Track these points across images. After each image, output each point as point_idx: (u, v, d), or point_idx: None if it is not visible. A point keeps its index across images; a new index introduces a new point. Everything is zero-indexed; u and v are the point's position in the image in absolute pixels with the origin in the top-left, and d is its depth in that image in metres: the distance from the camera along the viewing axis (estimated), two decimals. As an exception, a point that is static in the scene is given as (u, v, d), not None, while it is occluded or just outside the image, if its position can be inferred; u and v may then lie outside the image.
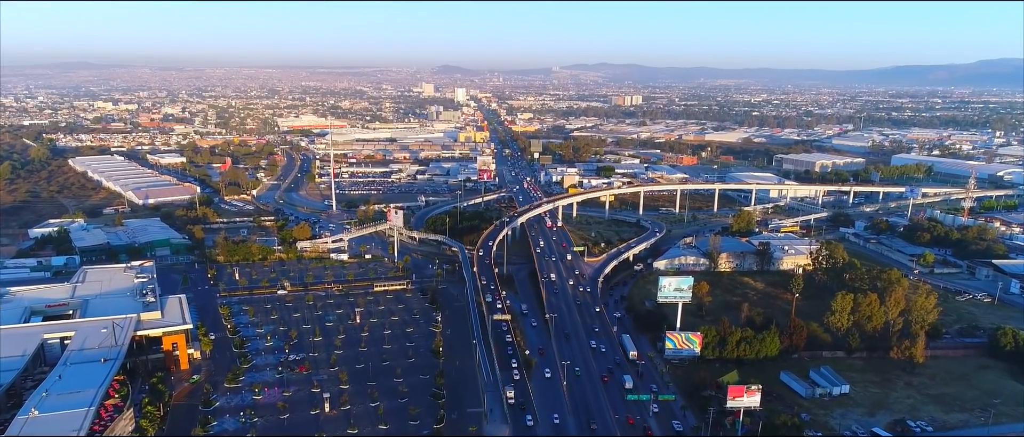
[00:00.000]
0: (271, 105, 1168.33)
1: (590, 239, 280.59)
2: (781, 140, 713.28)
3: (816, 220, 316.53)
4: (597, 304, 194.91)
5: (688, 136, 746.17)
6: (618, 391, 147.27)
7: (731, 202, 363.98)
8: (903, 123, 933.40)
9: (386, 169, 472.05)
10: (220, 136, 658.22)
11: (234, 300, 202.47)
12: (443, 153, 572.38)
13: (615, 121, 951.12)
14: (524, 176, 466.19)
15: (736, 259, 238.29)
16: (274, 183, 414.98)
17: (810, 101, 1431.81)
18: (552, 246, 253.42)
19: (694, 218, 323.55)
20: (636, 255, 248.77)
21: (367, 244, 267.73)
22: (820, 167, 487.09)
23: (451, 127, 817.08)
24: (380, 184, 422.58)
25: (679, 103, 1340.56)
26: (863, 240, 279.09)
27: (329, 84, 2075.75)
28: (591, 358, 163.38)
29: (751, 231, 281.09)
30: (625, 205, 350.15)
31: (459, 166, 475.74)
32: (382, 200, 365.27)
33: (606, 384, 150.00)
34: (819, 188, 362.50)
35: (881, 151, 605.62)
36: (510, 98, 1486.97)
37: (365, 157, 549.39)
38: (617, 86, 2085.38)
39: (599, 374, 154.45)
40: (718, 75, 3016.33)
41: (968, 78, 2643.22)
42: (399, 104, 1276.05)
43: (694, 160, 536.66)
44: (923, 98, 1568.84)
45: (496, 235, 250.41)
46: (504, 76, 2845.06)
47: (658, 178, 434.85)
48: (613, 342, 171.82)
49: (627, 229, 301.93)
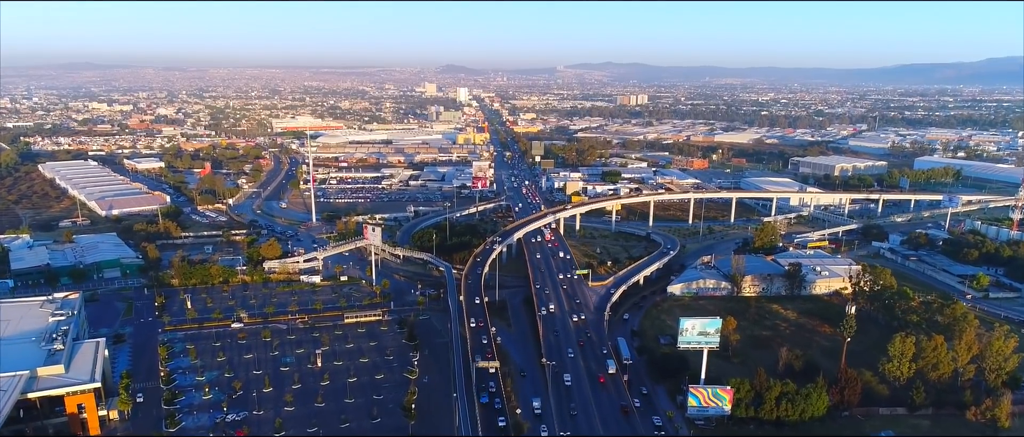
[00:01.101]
0: (269, 106, 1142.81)
1: (594, 256, 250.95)
2: (794, 141, 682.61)
3: (845, 233, 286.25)
4: (603, 344, 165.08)
5: (697, 137, 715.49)
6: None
7: (749, 211, 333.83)
8: (918, 123, 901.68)
9: (377, 174, 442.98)
10: (208, 139, 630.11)
11: (179, 336, 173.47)
12: (440, 156, 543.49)
13: (620, 121, 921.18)
14: (525, 180, 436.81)
15: (762, 282, 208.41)
16: (255, 190, 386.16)
17: (819, 100, 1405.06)
18: (551, 266, 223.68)
19: (710, 231, 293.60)
20: (648, 277, 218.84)
21: (344, 264, 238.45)
22: (840, 171, 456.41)
23: (451, 128, 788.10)
24: (369, 191, 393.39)
25: (685, 102, 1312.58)
26: (900, 257, 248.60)
27: (332, 84, 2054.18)
28: (597, 419, 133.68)
29: (775, 247, 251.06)
30: (633, 214, 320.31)
31: (455, 171, 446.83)
32: (369, 210, 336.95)
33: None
34: (845, 196, 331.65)
35: (902, 153, 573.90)
36: (514, 98, 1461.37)
37: (357, 161, 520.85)
38: (622, 85, 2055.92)
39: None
40: (723, 74, 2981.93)
41: (975, 76, 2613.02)
42: (400, 104, 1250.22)
43: (705, 163, 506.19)
44: (933, 96, 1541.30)
45: (488, 255, 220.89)
46: (508, 76, 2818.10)
47: (668, 184, 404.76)
48: (622, 390, 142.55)
49: (636, 244, 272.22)
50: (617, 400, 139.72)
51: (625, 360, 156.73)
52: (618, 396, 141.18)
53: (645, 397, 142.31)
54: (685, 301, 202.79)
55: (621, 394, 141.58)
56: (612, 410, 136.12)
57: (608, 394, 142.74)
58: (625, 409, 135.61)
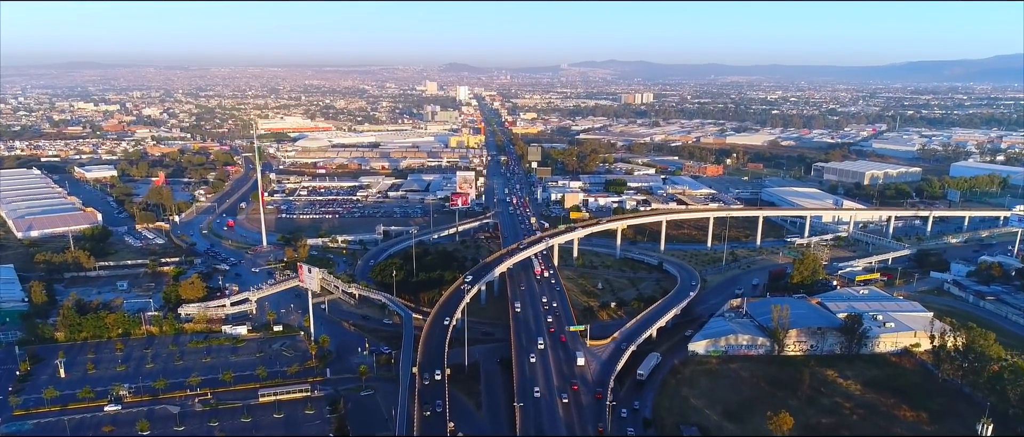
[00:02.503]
0: (261, 105, 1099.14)
1: (595, 293, 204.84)
2: (812, 143, 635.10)
3: (894, 260, 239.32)
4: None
5: (707, 139, 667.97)
6: None
7: (777, 230, 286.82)
8: (939, 122, 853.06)
9: (354, 184, 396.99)
10: (179, 142, 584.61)
11: (27, 428, 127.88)
12: (429, 161, 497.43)
13: (625, 121, 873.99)
14: (519, 189, 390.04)
15: (811, 338, 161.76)
16: (212, 204, 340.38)
17: (828, 98, 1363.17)
18: (540, 313, 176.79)
19: (733, 256, 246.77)
20: (663, 327, 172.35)
21: (287, 305, 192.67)
22: (870, 178, 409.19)
23: (446, 129, 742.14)
24: (342, 204, 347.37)
25: (692, 101, 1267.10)
26: (970, 294, 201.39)
27: (334, 83, 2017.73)
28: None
29: (817, 281, 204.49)
30: (641, 233, 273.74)
31: (442, 179, 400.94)
32: (336, 229, 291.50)
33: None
34: (888, 213, 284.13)
35: (934, 157, 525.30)
36: (516, 96, 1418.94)
37: (336, 167, 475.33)
38: (626, 83, 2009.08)
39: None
40: (728, 71, 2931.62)
41: (984, 73, 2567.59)
42: (397, 103, 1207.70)
43: (719, 169, 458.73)
44: (945, 94, 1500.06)
45: (457, 300, 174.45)
46: (512, 74, 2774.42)
47: (680, 195, 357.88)
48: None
49: (646, 276, 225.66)
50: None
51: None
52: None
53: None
54: (712, 364, 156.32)
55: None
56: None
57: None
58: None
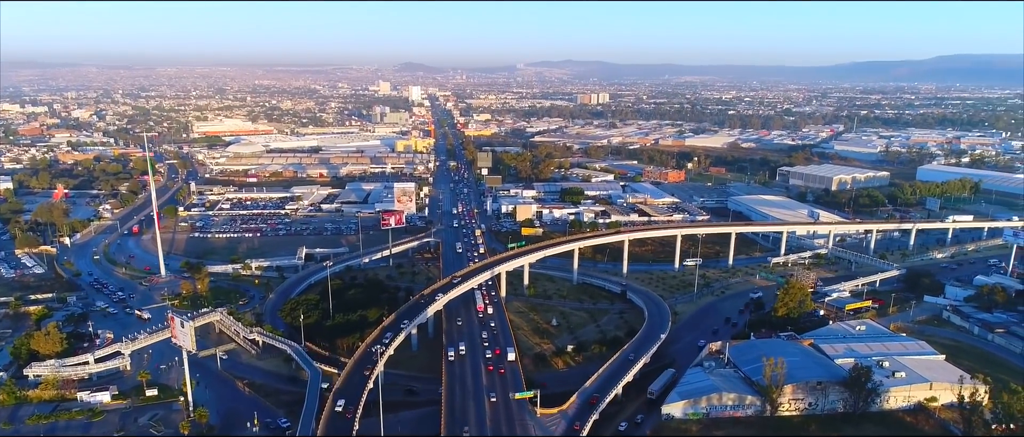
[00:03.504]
0: (203, 107, 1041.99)
1: (550, 333, 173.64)
2: (773, 145, 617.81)
3: (883, 282, 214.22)
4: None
5: (666, 141, 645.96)
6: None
7: (749, 246, 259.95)
8: (893, 122, 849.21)
9: (285, 195, 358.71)
10: (98, 148, 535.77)
11: None
12: (372, 168, 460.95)
13: (582, 122, 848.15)
14: (468, 199, 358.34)
15: (810, 394, 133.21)
16: (114, 222, 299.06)
17: (782, 98, 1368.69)
18: (479, 370, 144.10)
19: (704, 279, 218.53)
20: (629, 383, 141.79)
21: (171, 359, 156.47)
22: (838, 183, 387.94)
23: (394, 132, 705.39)
24: (267, 219, 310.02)
25: (648, 101, 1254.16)
26: (973, 323, 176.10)
27: (284, 83, 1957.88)
28: None
29: (806, 313, 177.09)
30: (601, 252, 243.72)
31: (384, 188, 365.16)
32: (254, 251, 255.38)
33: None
34: (870, 226, 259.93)
35: (898, 159, 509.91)
36: (471, 96, 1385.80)
37: (270, 175, 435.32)
38: (582, 83, 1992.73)
39: None
40: (683, 71, 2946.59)
41: (928, 74, 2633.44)
42: (347, 104, 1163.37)
43: (681, 175, 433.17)
44: (893, 94, 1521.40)
45: (383, 348, 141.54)
46: (468, 74, 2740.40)
47: (641, 205, 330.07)
48: None
49: (608, 307, 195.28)
50: None
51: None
52: None
53: None
54: (693, 431, 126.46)
55: None
56: None
57: None
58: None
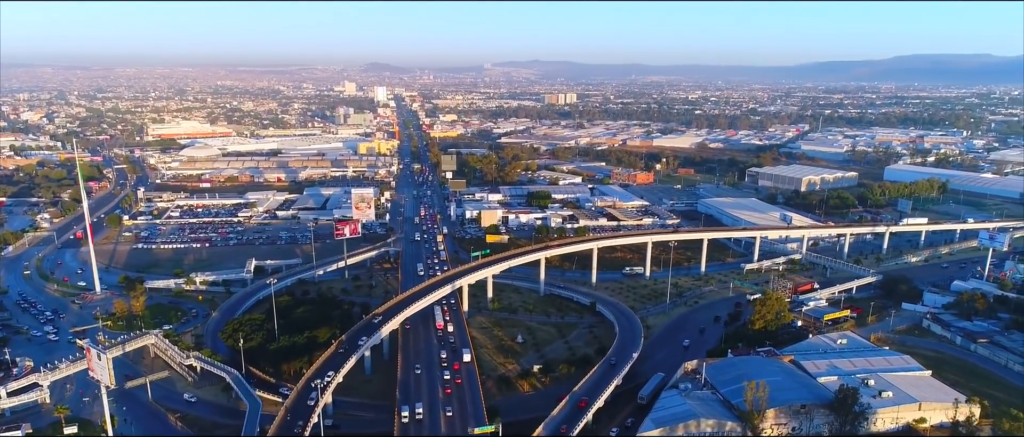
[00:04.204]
0: (160, 108, 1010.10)
1: (515, 352, 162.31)
2: (740, 145, 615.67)
3: (858, 289, 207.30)
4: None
5: (633, 141, 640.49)
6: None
7: (721, 251, 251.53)
8: (857, 122, 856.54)
9: (239, 201, 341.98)
10: (43, 152, 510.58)
11: None
12: (333, 171, 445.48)
13: (549, 122, 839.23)
14: (431, 203, 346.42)
15: (794, 418, 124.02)
16: (52, 233, 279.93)
17: (747, 98, 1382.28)
18: (436, 399, 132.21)
19: (677, 289, 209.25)
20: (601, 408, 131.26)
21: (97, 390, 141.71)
22: (807, 184, 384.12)
23: (357, 134, 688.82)
24: (219, 228, 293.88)
25: (615, 101, 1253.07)
26: (958, 334, 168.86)
27: (248, 83, 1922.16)
28: None
29: (784, 326, 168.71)
30: (569, 260, 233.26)
31: (344, 193, 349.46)
32: (204, 261, 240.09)
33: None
34: (843, 230, 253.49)
35: (865, 159, 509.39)
36: (438, 97, 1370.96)
37: (225, 180, 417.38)
38: (550, 83, 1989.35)
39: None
40: (649, 71, 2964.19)
41: (887, 73, 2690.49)
42: (311, 105, 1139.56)
43: (650, 177, 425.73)
44: (855, 93, 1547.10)
45: (334, 370, 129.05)
46: (435, 74, 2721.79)
47: (610, 208, 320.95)
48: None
49: (577, 321, 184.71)
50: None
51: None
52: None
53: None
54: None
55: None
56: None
57: None
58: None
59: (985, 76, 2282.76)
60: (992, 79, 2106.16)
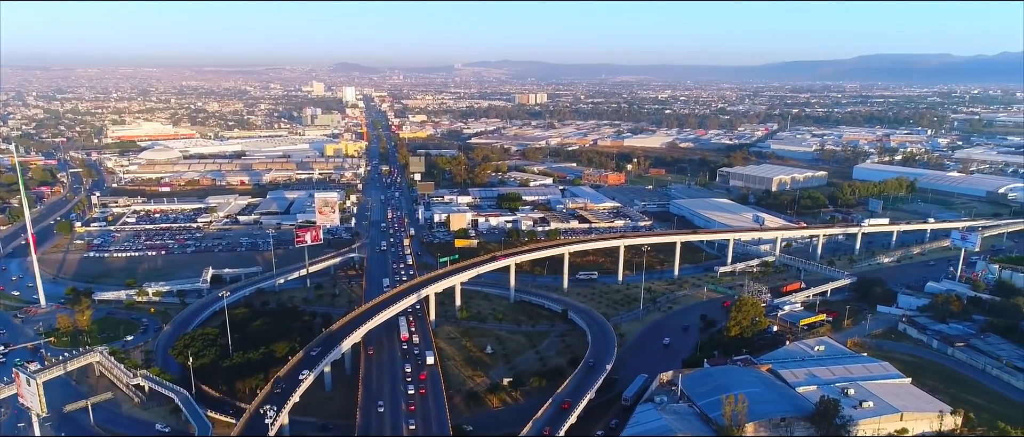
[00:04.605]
0: (121, 109, 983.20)
1: (484, 363, 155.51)
2: (710, 145, 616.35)
3: (833, 292, 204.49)
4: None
5: (604, 141, 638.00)
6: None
7: (695, 254, 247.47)
8: (823, 120, 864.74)
9: (199, 206, 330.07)
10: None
11: None
12: (298, 173, 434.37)
13: (520, 122, 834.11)
14: (399, 204, 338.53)
15: (773, 432, 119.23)
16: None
17: (716, 97, 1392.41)
18: (401, 413, 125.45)
19: (650, 293, 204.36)
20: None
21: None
22: (778, 184, 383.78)
23: (324, 135, 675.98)
24: (176, 235, 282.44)
25: (586, 101, 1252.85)
26: (935, 338, 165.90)
27: (214, 84, 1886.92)
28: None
29: (760, 332, 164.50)
30: (540, 265, 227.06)
31: (309, 196, 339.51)
32: (159, 269, 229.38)
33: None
34: (816, 231, 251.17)
35: (834, 158, 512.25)
36: (407, 97, 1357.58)
37: (185, 184, 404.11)
38: (520, 83, 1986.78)
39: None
40: (619, 71, 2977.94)
41: (851, 72, 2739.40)
42: (278, 105, 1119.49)
43: (621, 177, 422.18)
44: (821, 92, 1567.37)
45: (290, 389, 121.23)
46: (405, 74, 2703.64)
47: (582, 210, 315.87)
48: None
49: (547, 328, 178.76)
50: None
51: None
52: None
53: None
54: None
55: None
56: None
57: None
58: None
59: (945, 75, 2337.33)
60: (952, 78, 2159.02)
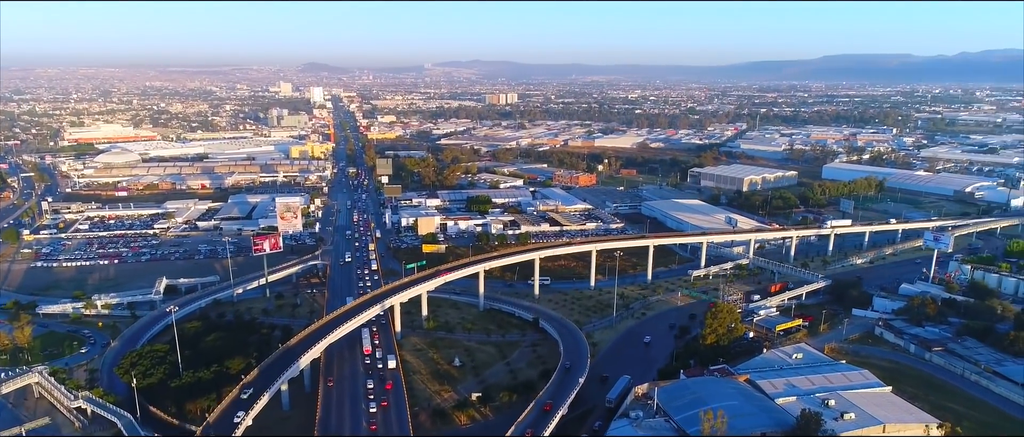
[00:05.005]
0: (81, 110, 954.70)
1: (452, 377, 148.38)
2: (681, 145, 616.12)
3: (808, 295, 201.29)
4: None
5: (575, 141, 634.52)
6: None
7: (667, 257, 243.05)
8: (791, 120, 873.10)
9: (157, 211, 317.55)
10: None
11: None
12: (262, 176, 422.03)
13: (490, 123, 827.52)
14: (366, 207, 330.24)
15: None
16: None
17: (685, 97, 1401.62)
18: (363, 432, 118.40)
19: (623, 299, 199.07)
20: None
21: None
22: (749, 184, 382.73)
23: (291, 136, 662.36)
24: (131, 242, 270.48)
25: (556, 101, 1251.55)
26: (912, 343, 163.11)
27: (179, 84, 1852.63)
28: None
29: (737, 338, 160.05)
30: (511, 270, 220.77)
31: (272, 200, 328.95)
32: (111, 280, 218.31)
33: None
34: (789, 233, 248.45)
35: (803, 158, 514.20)
36: (377, 97, 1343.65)
37: (144, 188, 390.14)
38: (491, 83, 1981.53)
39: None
40: (590, 71, 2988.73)
41: (817, 72, 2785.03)
42: (244, 106, 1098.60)
43: (593, 179, 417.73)
44: (787, 92, 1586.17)
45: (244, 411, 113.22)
46: (375, 74, 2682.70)
47: (553, 213, 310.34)
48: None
49: (518, 337, 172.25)
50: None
51: None
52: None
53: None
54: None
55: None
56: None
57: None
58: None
59: (907, 75, 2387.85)
60: (913, 78, 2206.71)
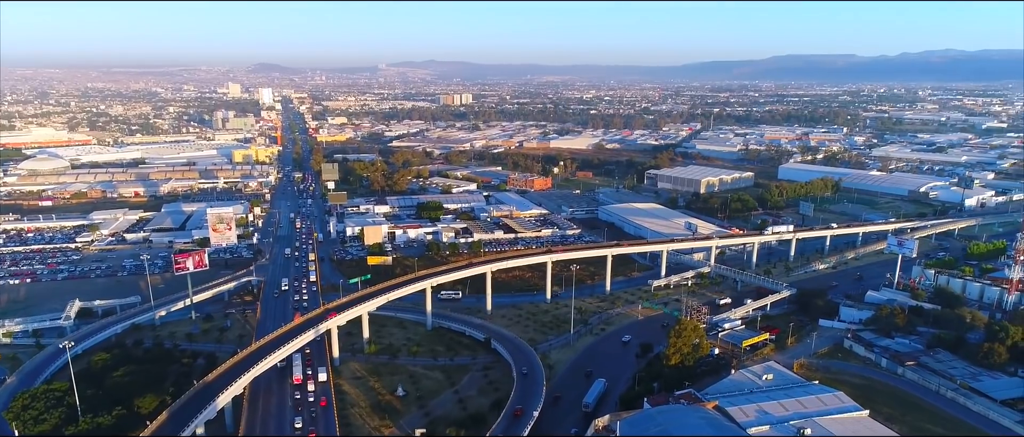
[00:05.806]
0: (12, 113, 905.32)
1: (395, 412, 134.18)
2: (636, 146, 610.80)
3: (773, 305, 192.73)
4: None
5: (530, 143, 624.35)
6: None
7: (627, 266, 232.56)
8: (744, 119, 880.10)
9: (81, 222, 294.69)
10: None
11: None
12: (201, 183, 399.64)
13: (444, 124, 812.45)
14: (310, 212, 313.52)
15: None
16: None
17: (639, 97, 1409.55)
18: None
19: (580, 314, 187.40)
20: None
21: None
22: (706, 186, 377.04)
23: (236, 139, 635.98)
24: (49, 258, 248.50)
25: (511, 101, 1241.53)
26: (884, 357, 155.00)
27: (122, 85, 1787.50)
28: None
29: (703, 357, 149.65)
30: (462, 282, 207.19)
31: (206, 208, 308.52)
32: (20, 302, 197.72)
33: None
34: (751, 239, 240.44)
35: (758, 158, 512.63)
36: (329, 98, 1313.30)
37: (71, 197, 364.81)
38: (445, 84, 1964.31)
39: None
40: (545, 71, 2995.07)
41: (766, 72, 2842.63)
42: (190, 108, 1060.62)
43: (548, 182, 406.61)
44: (739, 92, 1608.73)
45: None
46: (328, 75, 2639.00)
47: (507, 219, 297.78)
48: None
49: (469, 360, 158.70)
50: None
51: None
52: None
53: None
54: None
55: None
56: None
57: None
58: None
59: (852, 74, 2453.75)
60: (858, 77, 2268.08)
